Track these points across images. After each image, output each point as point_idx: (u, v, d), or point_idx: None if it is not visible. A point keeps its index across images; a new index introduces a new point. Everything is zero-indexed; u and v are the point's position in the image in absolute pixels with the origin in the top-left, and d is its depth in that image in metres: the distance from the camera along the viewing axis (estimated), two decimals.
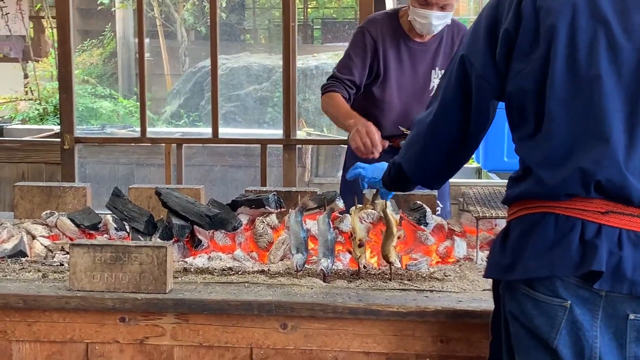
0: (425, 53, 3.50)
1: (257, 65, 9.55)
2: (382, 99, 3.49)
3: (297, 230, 2.48)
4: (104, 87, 10.65)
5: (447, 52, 3.52)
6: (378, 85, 3.49)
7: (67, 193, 3.23)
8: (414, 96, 3.51)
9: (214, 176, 5.50)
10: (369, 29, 3.48)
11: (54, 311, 2.32)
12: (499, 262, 1.88)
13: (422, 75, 3.51)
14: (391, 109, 3.49)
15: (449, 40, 3.52)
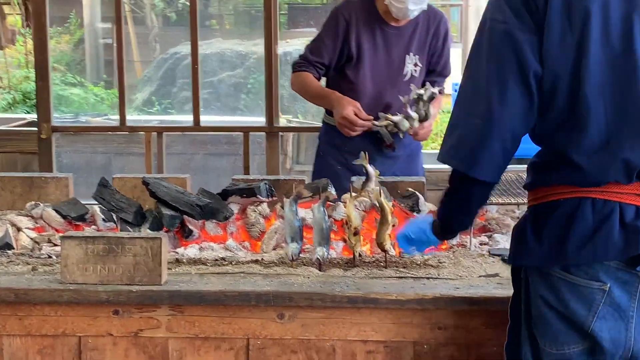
0: (400, 38, 3.49)
1: (230, 52, 9.47)
2: (356, 81, 3.48)
3: (292, 220, 2.45)
4: (73, 75, 10.50)
5: (422, 38, 3.51)
6: (352, 67, 3.47)
7: (49, 183, 3.16)
8: (388, 80, 3.50)
9: (195, 165, 5.45)
10: (342, 11, 3.47)
11: (45, 305, 2.27)
12: (534, 249, 1.86)
13: (396, 60, 3.49)
14: (364, 92, 3.48)
15: (424, 26, 3.51)
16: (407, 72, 3.50)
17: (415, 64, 3.50)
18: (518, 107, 1.81)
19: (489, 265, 2.45)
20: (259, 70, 9.39)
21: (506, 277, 2.34)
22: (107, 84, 10.91)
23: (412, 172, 3.56)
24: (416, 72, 3.51)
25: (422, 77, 3.56)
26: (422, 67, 3.53)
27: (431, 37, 3.51)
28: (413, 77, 3.51)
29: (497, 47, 1.84)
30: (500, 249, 2.56)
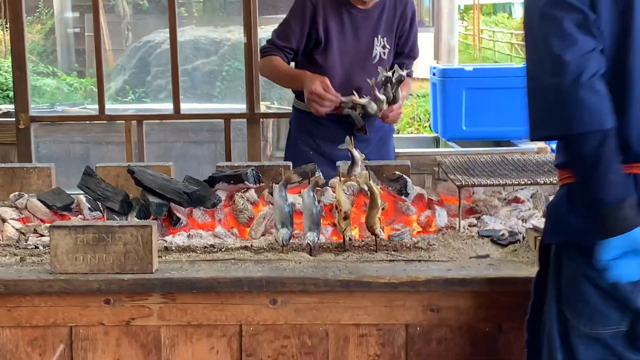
0: (367, 20, 3.49)
1: (205, 39, 9.41)
2: (324, 65, 3.47)
3: (282, 205, 2.44)
4: (45, 65, 10.38)
5: (390, 20, 3.51)
6: (320, 51, 3.47)
7: (31, 174, 3.12)
8: (357, 63, 3.50)
9: (175, 153, 5.42)
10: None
11: (35, 295, 2.25)
12: (573, 226, 1.85)
13: (364, 42, 3.50)
14: (334, 75, 3.47)
15: (391, 8, 3.52)
16: (376, 55, 3.51)
17: (383, 46, 3.51)
18: (583, 48, 1.77)
19: (479, 247, 2.46)
20: (234, 57, 9.35)
21: (497, 258, 2.36)
22: (80, 74, 10.81)
23: (385, 155, 3.57)
24: (385, 55, 3.52)
25: (391, 59, 3.57)
26: (391, 49, 3.54)
27: (398, 18, 3.52)
28: (382, 60, 3.52)
29: (548, 6, 1.82)
30: (489, 230, 2.57)
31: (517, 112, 5.67)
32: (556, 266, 1.94)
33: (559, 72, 1.78)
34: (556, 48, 1.78)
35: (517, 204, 2.77)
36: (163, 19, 12.34)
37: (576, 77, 1.76)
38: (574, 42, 1.78)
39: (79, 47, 12.22)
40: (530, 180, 2.63)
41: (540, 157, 3.02)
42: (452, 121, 5.69)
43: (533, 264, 2.29)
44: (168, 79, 9.93)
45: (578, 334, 1.90)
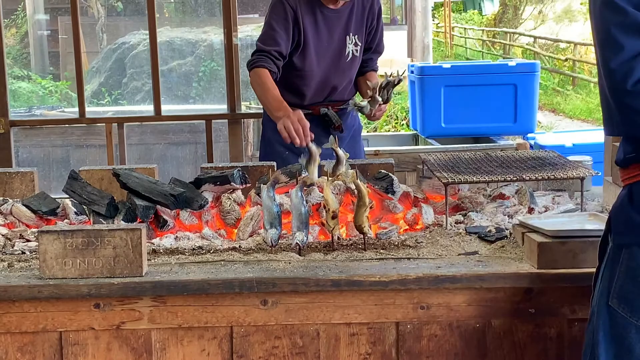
0: (339, 19, 3.51)
1: (180, 40, 9.37)
2: (303, 67, 3.48)
3: (270, 205, 2.44)
4: (19, 68, 10.29)
5: (359, 17, 3.54)
6: (298, 54, 3.47)
7: (14, 178, 3.10)
8: (332, 63, 3.52)
9: (155, 154, 5.39)
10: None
11: (24, 301, 2.23)
12: (638, 224, 1.88)
13: (337, 41, 3.52)
14: (312, 77, 3.49)
15: (359, 5, 3.55)
16: (349, 53, 3.53)
17: (355, 43, 3.54)
18: (628, 52, 1.79)
19: (467, 244, 2.47)
20: (210, 57, 9.31)
21: (485, 255, 2.38)
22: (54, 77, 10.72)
23: (356, 153, 3.60)
24: (356, 52, 3.54)
25: (361, 55, 3.59)
26: (361, 46, 3.57)
27: (367, 15, 3.56)
28: (354, 57, 3.55)
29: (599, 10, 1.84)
30: (476, 226, 2.58)
31: (495, 109, 5.78)
32: (612, 262, 1.94)
33: (607, 80, 1.82)
34: (604, 55, 1.82)
35: (502, 200, 2.79)
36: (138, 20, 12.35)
37: (621, 85, 1.79)
38: (620, 49, 1.80)
39: (52, 50, 12.12)
40: (515, 176, 2.65)
41: (523, 153, 3.04)
42: (431, 118, 5.73)
43: (521, 259, 2.32)
44: (144, 80, 9.93)
45: (636, 331, 1.91)
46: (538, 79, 5.83)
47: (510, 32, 23.48)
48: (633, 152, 1.92)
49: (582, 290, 2.20)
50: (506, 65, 5.94)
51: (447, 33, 24.64)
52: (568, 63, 18.73)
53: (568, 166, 2.76)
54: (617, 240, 1.95)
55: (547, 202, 2.81)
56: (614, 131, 1.92)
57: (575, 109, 15.40)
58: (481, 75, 5.77)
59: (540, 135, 6.16)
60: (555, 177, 2.65)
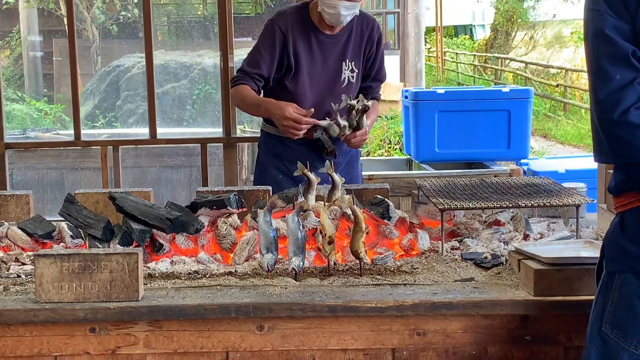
0: (335, 45, 3.52)
1: (175, 63, 9.40)
2: (295, 91, 3.50)
3: (267, 230, 2.44)
4: (13, 90, 10.29)
5: (357, 44, 3.55)
6: (290, 78, 3.49)
7: (9, 201, 3.10)
8: (326, 88, 3.53)
9: (149, 177, 5.39)
10: (278, 22, 3.48)
11: (20, 325, 2.23)
12: (633, 254, 1.89)
13: (333, 67, 3.53)
14: (304, 102, 3.50)
15: (358, 32, 3.56)
16: (344, 79, 3.54)
17: (351, 70, 3.54)
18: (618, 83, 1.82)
19: (463, 270, 2.48)
20: (204, 81, 9.34)
21: (481, 281, 2.38)
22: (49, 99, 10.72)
23: (352, 178, 3.60)
24: (353, 78, 3.55)
25: (359, 82, 3.60)
26: (359, 73, 3.58)
27: (365, 42, 3.56)
28: (350, 83, 3.56)
29: (590, 40, 1.87)
30: (472, 253, 2.59)
31: (488, 135, 5.80)
32: (605, 289, 1.95)
33: (596, 109, 1.85)
34: (594, 84, 1.85)
35: (498, 227, 2.79)
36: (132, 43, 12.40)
37: (609, 114, 1.81)
38: (609, 79, 1.82)
39: (46, 72, 12.14)
40: (511, 203, 2.66)
41: (519, 179, 3.06)
42: (425, 143, 5.74)
43: (517, 286, 2.32)
44: (138, 103, 9.96)
45: (628, 356, 1.92)
46: (531, 105, 5.86)
47: (502, 58, 23.61)
48: (623, 181, 1.94)
49: (579, 317, 2.21)
50: (500, 91, 5.98)
51: (439, 58, 24.77)
52: (559, 89, 18.83)
53: (563, 193, 2.78)
54: (609, 267, 1.96)
55: (542, 228, 2.82)
56: (603, 159, 1.94)
57: (567, 134, 15.47)
58: (475, 101, 5.80)
59: (533, 161, 6.18)
60: (551, 204, 2.66)
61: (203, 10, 13.68)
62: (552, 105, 18.50)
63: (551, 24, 27.86)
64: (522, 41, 26.95)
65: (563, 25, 29.23)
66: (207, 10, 13.69)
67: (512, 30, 25.65)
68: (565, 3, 25.13)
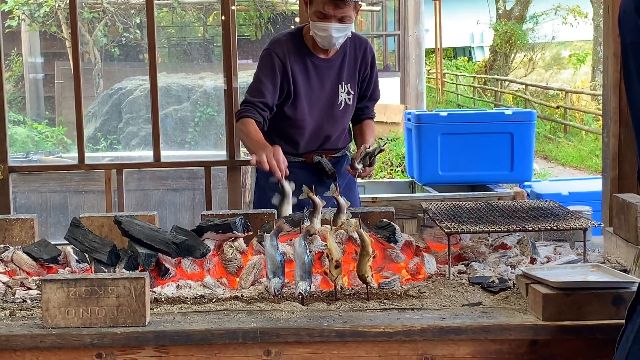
0: (330, 69, 3.54)
1: (177, 86, 9.42)
2: (294, 117, 3.51)
3: (273, 254, 2.44)
4: (15, 112, 10.32)
5: (351, 66, 3.57)
6: (289, 104, 3.51)
7: (13, 225, 3.09)
8: (324, 112, 3.55)
9: (153, 200, 5.39)
10: (275, 50, 3.50)
11: (26, 351, 2.21)
12: None
13: (329, 91, 3.54)
14: (304, 126, 3.52)
15: (351, 54, 3.58)
16: (341, 101, 3.56)
17: (347, 92, 3.56)
18: None
19: (470, 294, 2.47)
20: (206, 103, 9.37)
21: (489, 306, 2.37)
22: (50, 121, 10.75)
23: (351, 201, 3.59)
24: (349, 100, 3.57)
25: (355, 103, 3.62)
26: (354, 94, 3.59)
27: (359, 63, 3.58)
28: (347, 105, 3.57)
29: None
30: (479, 277, 2.58)
31: (491, 157, 5.81)
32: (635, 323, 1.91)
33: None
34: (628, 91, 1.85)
35: (505, 250, 2.79)
36: (135, 66, 12.45)
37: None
38: None
39: (47, 95, 12.18)
40: (518, 227, 2.65)
41: (524, 203, 3.05)
42: (428, 166, 5.75)
43: (525, 311, 2.31)
44: (140, 125, 9.98)
45: None
46: (534, 128, 5.88)
47: (502, 79, 23.69)
48: None
49: (587, 342, 2.20)
50: (502, 113, 6.00)
51: (439, 79, 24.85)
52: (560, 110, 18.87)
53: (570, 217, 2.77)
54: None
55: (548, 252, 2.81)
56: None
57: (568, 156, 15.49)
58: (478, 123, 5.82)
59: (536, 183, 6.18)
60: (558, 228, 2.66)
61: (203, 32, 13.76)
62: (552, 126, 18.54)
63: (549, 45, 27.99)
64: (521, 63, 27.06)
65: (562, 47, 29.36)
66: (208, 33, 13.77)
67: (511, 52, 25.75)
68: (564, 25, 25.28)
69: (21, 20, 11.21)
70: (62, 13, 11.02)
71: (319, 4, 3.33)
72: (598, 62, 21.00)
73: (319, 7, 3.33)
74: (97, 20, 11.36)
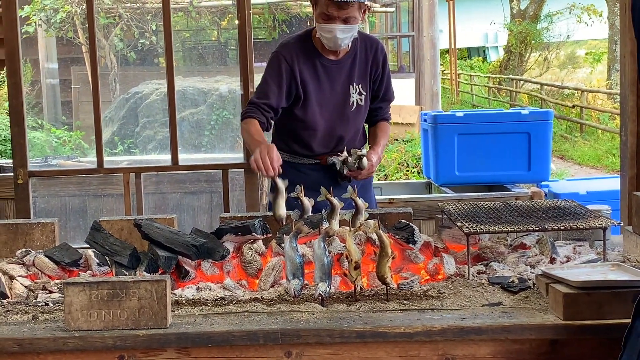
0: (341, 70, 3.54)
1: (192, 89, 9.46)
2: (305, 119, 3.52)
3: (293, 256, 2.45)
4: (33, 118, 10.38)
5: (362, 67, 3.57)
6: (300, 106, 3.52)
7: (34, 229, 3.12)
8: (336, 113, 3.55)
9: (171, 203, 5.42)
10: (283, 53, 3.51)
11: (48, 354, 2.23)
12: None
13: (340, 92, 3.55)
14: (316, 128, 3.53)
15: (362, 54, 3.58)
16: (353, 102, 3.56)
17: (359, 92, 3.56)
18: None
19: (490, 294, 2.47)
20: (222, 106, 9.39)
21: (509, 306, 2.37)
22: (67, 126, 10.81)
23: (367, 202, 3.60)
24: (361, 101, 3.57)
25: (367, 104, 3.62)
26: (367, 95, 3.59)
27: (371, 64, 3.58)
28: (359, 106, 3.58)
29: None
30: (499, 277, 2.58)
31: (508, 157, 5.79)
32: None
33: None
34: None
35: (524, 250, 2.78)
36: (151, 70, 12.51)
37: None
38: None
39: (63, 100, 12.25)
40: (538, 226, 2.65)
41: (543, 202, 3.05)
42: (444, 166, 5.75)
43: (546, 310, 2.31)
44: (157, 129, 10.02)
45: None
46: (551, 127, 5.86)
47: (517, 79, 23.61)
48: None
49: (608, 342, 2.20)
50: (519, 113, 5.98)
51: (453, 80, 24.80)
52: (576, 110, 18.79)
53: (589, 216, 2.77)
54: None
55: (568, 252, 2.81)
56: None
57: (584, 155, 15.42)
58: (495, 123, 5.81)
59: (553, 183, 6.17)
60: (577, 227, 2.65)
61: (218, 36, 13.79)
62: (568, 126, 18.47)
63: (564, 44, 27.88)
64: (536, 62, 26.96)
65: (576, 46, 29.24)
66: (222, 36, 13.80)
67: (526, 51, 25.67)
68: (579, 24, 25.17)
69: (38, 26, 11.29)
70: (78, 19, 11.09)
71: (322, 6, 3.35)
72: (613, 60, 20.91)
73: (323, 9, 3.35)
74: (112, 26, 11.42)
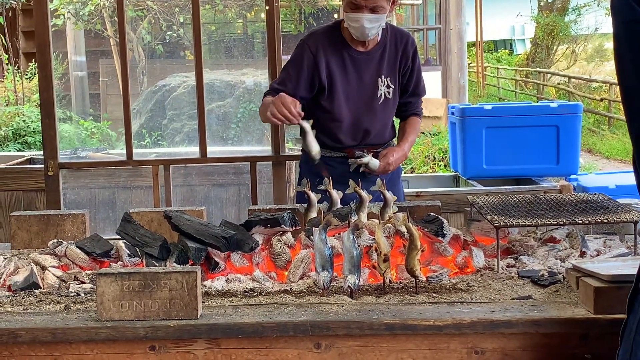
0: (369, 62, 3.53)
1: (219, 82, 9.49)
2: (331, 109, 3.52)
3: (322, 248, 2.46)
4: (62, 110, 10.48)
5: (392, 59, 3.55)
6: (326, 97, 3.52)
7: (65, 220, 3.16)
8: (363, 105, 3.54)
9: (199, 196, 5.45)
10: (308, 42, 3.52)
11: (81, 343, 2.26)
12: None
13: (369, 84, 3.53)
14: (342, 119, 3.53)
15: (392, 47, 3.56)
16: (381, 95, 3.54)
17: (387, 85, 3.54)
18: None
19: (520, 288, 2.46)
20: (249, 99, 9.42)
21: (539, 299, 2.36)
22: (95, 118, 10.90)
23: (395, 195, 3.60)
24: (390, 94, 3.55)
25: (397, 98, 3.60)
26: (395, 88, 3.57)
27: (400, 57, 3.56)
28: (387, 100, 3.56)
29: None
30: (529, 270, 2.57)
31: (537, 150, 5.75)
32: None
33: None
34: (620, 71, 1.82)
35: (554, 244, 2.77)
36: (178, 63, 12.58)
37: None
38: None
39: (92, 92, 12.35)
40: (568, 220, 2.64)
41: (573, 196, 3.03)
42: (472, 160, 5.72)
43: (576, 304, 2.30)
44: (184, 122, 10.08)
45: None
46: (580, 121, 5.82)
47: (544, 72, 23.44)
48: None
49: None
50: (548, 106, 5.94)
51: (480, 73, 24.67)
52: (604, 103, 18.64)
53: (620, 209, 2.75)
54: None
55: (598, 245, 2.79)
56: None
57: (612, 149, 15.29)
58: (523, 116, 5.77)
59: (582, 176, 6.12)
60: (608, 221, 2.64)
61: (244, 28, 13.83)
62: (596, 119, 18.32)
63: (592, 37, 27.63)
64: (563, 55, 26.74)
65: (604, 39, 28.98)
66: (249, 29, 13.83)
67: (553, 44, 25.46)
68: (607, 16, 24.93)
69: (66, 19, 11.39)
70: (106, 11, 11.18)
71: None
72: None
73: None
74: (140, 18, 11.48)
